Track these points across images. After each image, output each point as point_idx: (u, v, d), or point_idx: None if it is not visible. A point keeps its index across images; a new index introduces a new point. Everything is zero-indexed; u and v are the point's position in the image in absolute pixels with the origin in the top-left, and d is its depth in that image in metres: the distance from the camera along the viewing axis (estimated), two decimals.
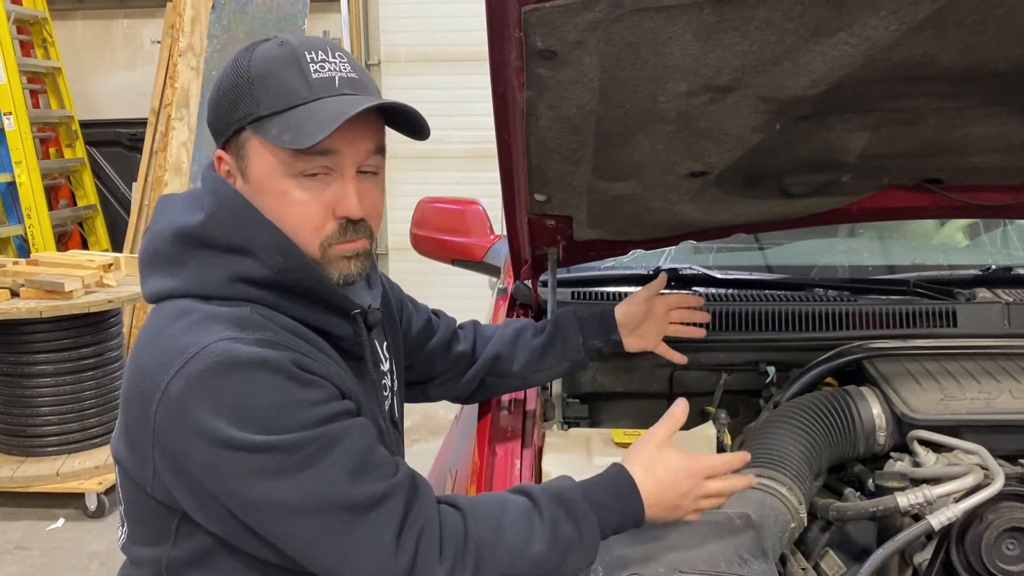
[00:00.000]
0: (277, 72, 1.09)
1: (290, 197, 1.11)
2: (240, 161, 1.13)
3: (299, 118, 1.07)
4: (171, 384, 1.01)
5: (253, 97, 1.09)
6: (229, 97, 1.11)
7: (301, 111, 1.08)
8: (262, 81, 1.09)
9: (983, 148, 1.59)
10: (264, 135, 1.09)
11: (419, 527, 1.03)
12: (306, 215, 1.12)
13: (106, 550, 3.47)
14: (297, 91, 1.09)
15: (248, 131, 1.10)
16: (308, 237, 1.12)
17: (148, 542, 1.14)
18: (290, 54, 1.10)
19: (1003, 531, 1.30)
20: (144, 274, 1.16)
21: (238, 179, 1.14)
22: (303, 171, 1.10)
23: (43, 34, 5.56)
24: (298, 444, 1.00)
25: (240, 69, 1.11)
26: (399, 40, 5.74)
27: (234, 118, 1.11)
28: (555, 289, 1.80)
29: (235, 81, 1.11)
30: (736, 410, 1.83)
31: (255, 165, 1.11)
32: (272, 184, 1.11)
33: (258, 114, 1.09)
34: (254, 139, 1.10)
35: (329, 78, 1.10)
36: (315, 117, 1.07)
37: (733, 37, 1.14)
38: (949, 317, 1.82)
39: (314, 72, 1.10)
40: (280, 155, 1.09)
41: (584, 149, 1.40)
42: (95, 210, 5.75)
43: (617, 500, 1.13)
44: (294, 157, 1.09)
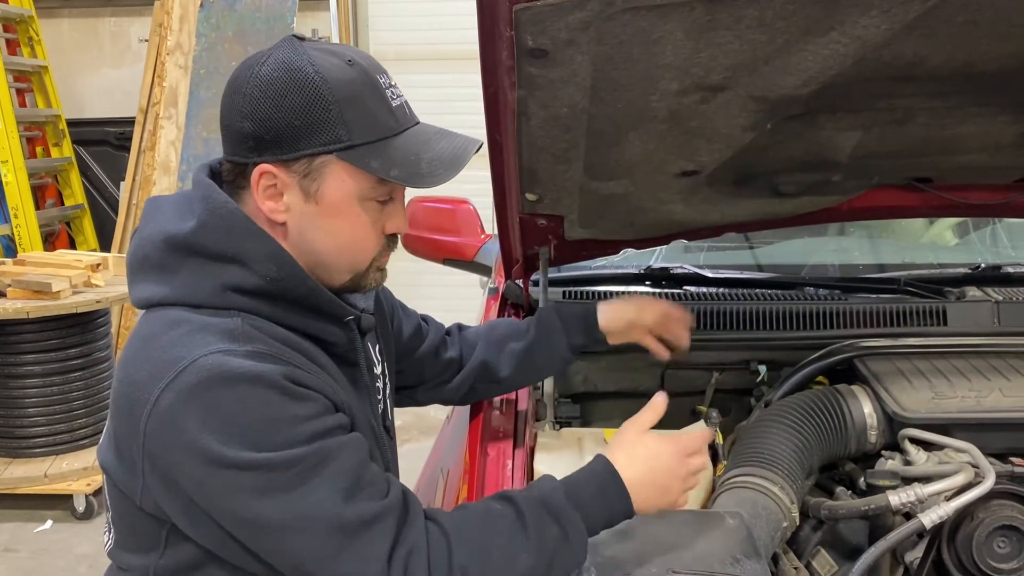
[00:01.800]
0: (362, 98, 1.08)
1: (362, 220, 1.13)
2: (309, 182, 1.09)
3: (403, 152, 1.10)
4: (161, 397, 1.00)
5: (343, 123, 1.07)
6: (303, 118, 1.06)
7: (396, 143, 1.10)
8: (350, 106, 1.07)
9: (973, 147, 1.60)
10: (360, 165, 1.08)
11: (408, 550, 1.02)
12: (371, 235, 1.16)
13: (94, 552, 3.45)
14: (386, 121, 1.10)
15: (333, 156, 1.08)
16: (368, 256, 1.17)
17: (136, 550, 1.13)
18: (366, 77, 1.10)
19: (994, 529, 1.31)
20: (132, 279, 1.14)
21: (294, 197, 1.10)
22: (381, 196, 1.13)
23: (29, 32, 5.52)
24: (290, 461, 0.99)
25: (313, 88, 1.06)
26: (388, 39, 5.72)
27: (314, 141, 1.07)
28: (546, 288, 1.80)
29: (310, 101, 1.06)
30: (727, 409, 1.84)
31: (333, 189, 1.10)
32: (348, 208, 1.12)
33: (351, 142, 1.07)
34: (340, 164, 1.09)
35: (401, 106, 1.13)
36: (425, 155, 1.11)
37: (724, 36, 1.14)
38: (939, 316, 1.82)
39: (392, 99, 1.12)
40: (366, 182, 1.10)
41: (575, 148, 1.40)
42: (83, 209, 5.72)
43: (601, 495, 1.12)
44: (379, 185, 1.11)
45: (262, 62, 1.08)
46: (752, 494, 1.35)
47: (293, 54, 1.08)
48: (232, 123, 1.10)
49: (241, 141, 1.10)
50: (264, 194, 1.10)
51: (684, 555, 1.16)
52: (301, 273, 1.11)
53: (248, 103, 1.07)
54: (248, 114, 1.07)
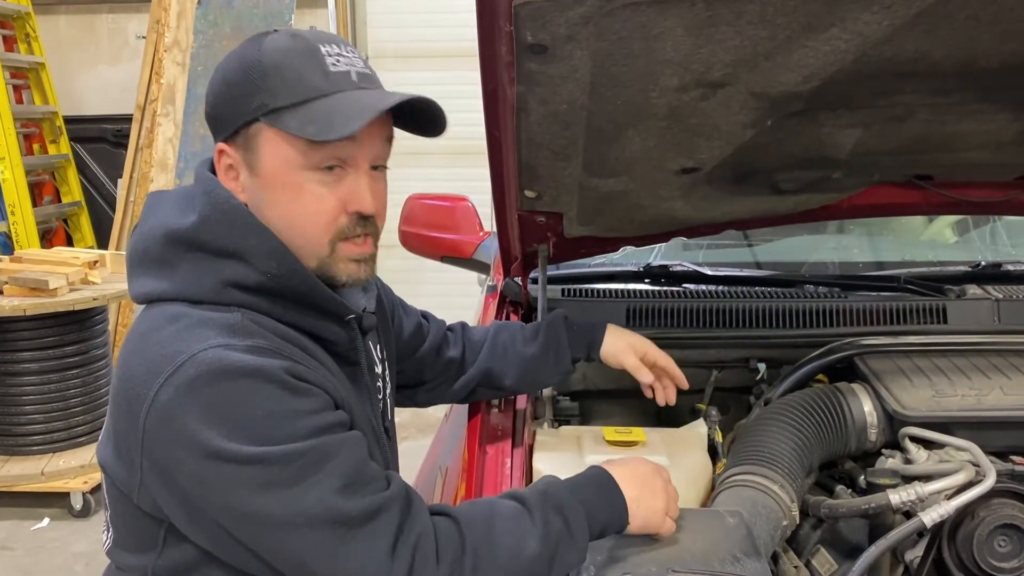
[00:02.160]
0: (294, 63, 1.07)
1: (304, 190, 1.09)
2: (249, 154, 1.10)
3: (323, 110, 1.06)
4: (160, 392, 0.99)
5: (268, 88, 1.06)
6: (238, 88, 1.08)
7: (322, 103, 1.06)
8: (278, 72, 1.07)
9: (973, 144, 1.59)
10: (282, 126, 1.06)
11: (414, 539, 1.01)
12: (320, 209, 1.10)
13: (91, 550, 3.44)
14: (316, 83, 1.07)
15: (262, 123, 1.07)
16: (320, 232, 1.11)
17: (134, 549, 1.12)
18: (305, 47, 1.09)
19: (995, 528, 1.30)
20: (132, 274, 1.14)
21: (243, 173, 1.11)
22: (319, 164, 1.08)
23: (26, 29, 5.50)
24: (291, 456, 0.98)
25: (250, 60, 1.08)
26: (386, 36, 5.71)
27: (245, 109, 1.08)
28: (545, 286, 1.79)
29: (245, 72, 1.08)
30: (727, 407, 1.83)
31: (267, 158, 1.09)
32: (286, 177, 1.09)
33: (274, 105, 1.06)
34: (269, 131, 1.08)
35: (345, 72, 1.09)
36: (342, 109, 1.05)
37: (725, 32, 1.13)
38: (940, 314, 1.82)
39: (331, 65, 1.08)
40: (298, 147, 1.07)
41: (575, 145, 1.39)
42: (80, 207, 5.71)
43: (601, 496, 1.13)
44: (311, 149, 1.07)
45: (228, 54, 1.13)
46: (752, 492, 1.34)
47: (250, 40, 1.11)
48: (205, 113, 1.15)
49: (208, 126, 1.14)
50: (226, 175, 1.12)
51: (684, 554, 1.15)
52: (302, 270, 1.10)
53: (209, 89, 1.13)
54: (208, 100, 1.13)
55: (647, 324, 1.84)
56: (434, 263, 2.91)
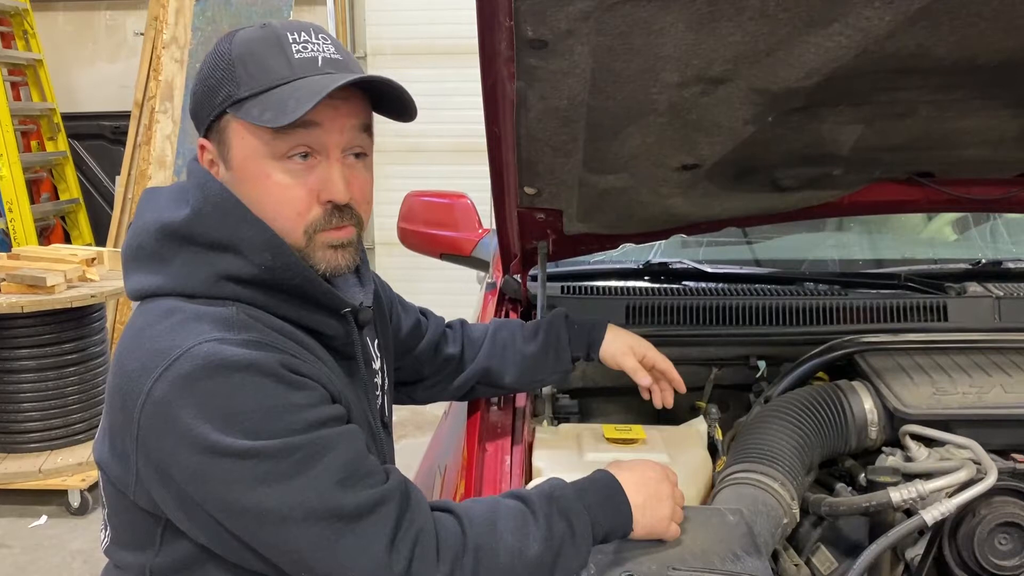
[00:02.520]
0: (258, 53, 1.07)
1: (272, 180, 1.08)
2: (222, 147, 1.10)
3: (281, 97, 1.05)
4: (155, 387, 0.98)
5: (234, 79, 1.07)
6: (209, 82, 1.09)
7: (282, 90, 1.05)
8: (243, 62, 1.07)
9: (975, 141, 1.59)
10: (245, 116, 1.06)
11: (414, 534, 1.00)
12: (289, 199, 1.08)
13: (89, 548, 3.44)
14: (278, 71, 1.06)
15: (229, 114, 1.08)
16: (291, 223, 1.09)
17: (132, 547, 1.11)
18: (271, 35, 1.08)
19: (996, 526, 1.29)
20: (127, 270, 1.13)
21: (220, 167, 1.12)
22: (285, 152, 1.07)
23: (24, 25, 5.49)
24: (287, 449, 0.97)
25: (221, 53, 1.09)
26: (385, 33, 5.71)
27: (215, 103, 1.08)
28: (545, 284, 1.78)
29: (215, 65, 1.09)
30: (726, 405, 1.83)
31: (236, 149, 1.09)
32: (254, 168, 1.08)
33: (238, 96, 1.06)
34: (235, 122, 1.08)
35: (311, 58, 1.08)
36: (297, 94, 1.04)
37: (726, 27, 1.13)
38: (940, 311, 1.82)
39: (296, 53, 1.07)
40: (262, 136, 1.06)
41: (575, 141, 1.39)
42: (78, 204, 5.70)
43: (607, 500, 1.12)
44: (275, 137, 1.06)
45: None
46: (752, 490, 1.34)
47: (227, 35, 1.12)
48: None
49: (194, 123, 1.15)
50: (210, 169, 1.13)
51: (684, 552, 1.15)
52: (297, 263, 1.10)
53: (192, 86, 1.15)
54: (191, 95, 1.14)
55: (647, 322, 1.84)
56: (433, 260, 2.91)
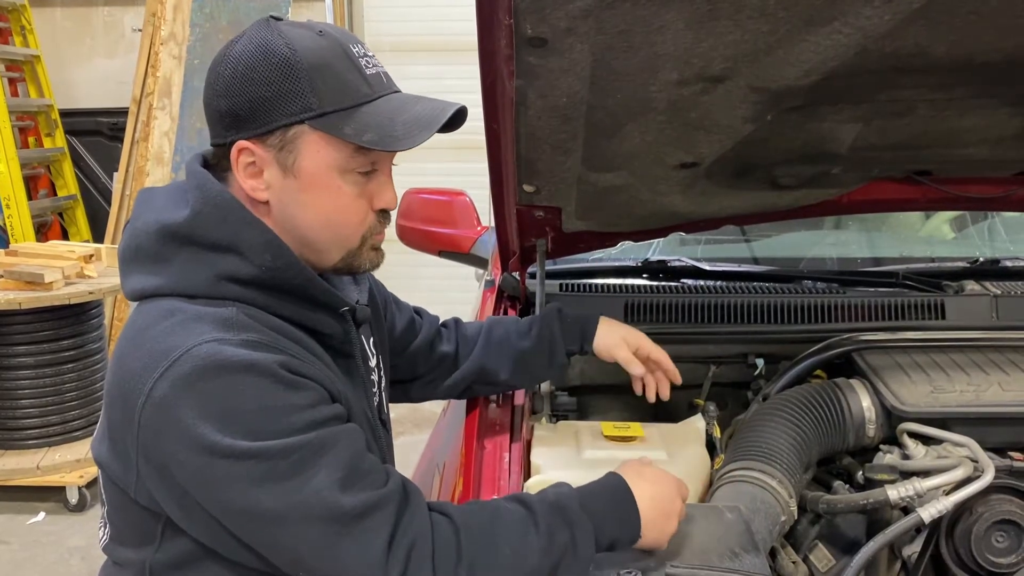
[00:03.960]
0: (333, 66, 1.07)
1: (343, 192, 1.11)
2: (285, 155, 1.08)
3: (376, 117, 1.08)
4: (155, 387, 0.99)
5: (312, 91, 1.05)
6: (272, 89, 1.05)
7: (370, 109, 1.08)
8: (320, 75, 1.06)
9: (973, 140, 1.59)
10: (333, 131, 1.06)
11: (410, 539, 1.00)
12: (355, 209, 1.13)
13: (87, 544, 3.44)
14: (358, 87, 1.08)
15: (306, 126, 1.07)
16: (352, 230, 1.14)
17: (132, 544, 1.11)
18: (336, 46, 1.08)
19: (993, 524, 1.30)
20: (125, 271, 1.13)
21: (270, 172, 1.09)
22: (360, 167, 1.11)
23: (22, 21, 5.48)
24: (286, 450, 0.98)
25: (282, 58, 1.05)
26: (384, 29, 5.69)
27: (285, 111, 1.06)
28: (543, 281, 1.78)
29: (280, 71, 1.05)
30: (724, 402, 1.83)
31: (309, 160, 1.08)
32: (327, 179, 1.10)
33: (322, 110, 1.06)
34: (313, 134, 1.07)
35: (377, 74, 1.11)
36: (398, 117, 1.08)
37: (725, 26, 1.13)
38: (938, 309, 1.82)
39: (366, 67, 1.10)
40: (344, 151, 1.08)
41: (574, 139, 1.39)
42: (75, 200, 5.69)
43: (615, 508, 1.11)
44: (358, 154, 1.09)
45: (235, 41, 1.10)
46: (750, 488, 1.34)
47: (265, 30, 1.09)
48: (210, 104, 1.10)
49: (220, 121, 1.10)
50: (245, 172, 1.10)
51: (682, 549, 1.15)
52: (296, 263, 1.10)
53: (222, 82, 1.08)
54: (223, 92, 1.08)
55: (645, 319, 1.84)
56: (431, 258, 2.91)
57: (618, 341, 1.53)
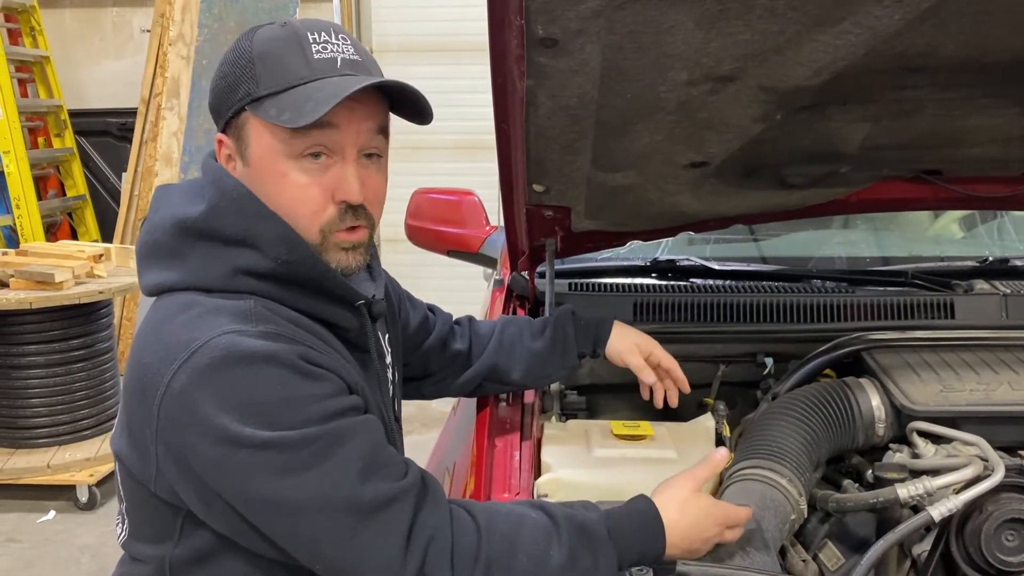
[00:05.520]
0: (278, 52, 1.08)
1: (289, 179, 1.09)
2: (240, 143, 1.11)
3: (300, 97, 1.06)
4: (174, 379, 0.99)
5: (253, 77, 1.08)
6: (229, 78, 1.10)
7: (301, 90, 1.06)
8: (263, 61, 1.08)
9: (982, 139, 1.59)
10: (263, 115, 1.07)
11: (429, 533, 1.00)
12: (305, 198, 1.10)
13: (97, 542, 3.45)
14: (297, 71, 1.07)
15: (247, 112, 1.09)
16: (306, 221, 1.11)
17: (151, 539, 1.12)
18: (292, 35, 1.09)
19: (1003, 522, 1.30)
20: (142, 266, 1.14)
21: (238, 163, 1.13)
22: (303, 151, 1.08)
23: (31, 22, 5.50)
24: (305, 440, 0.98)
25: (241, 50, 1.10)
26: (392, 30, 5.70)
27: (234, 99, 1.09)
28: (553, 280, 1.79)
29: (235, 62, 1.10)
30: (734, 401, 1.83)
31: (254, 146, 1.10)
32: (272, 166, 1.09)
33: (257, 94, 1.07)
34: (253, 119, 1.09)
35: (331, 59, 1.09)
36: (315, 95, 1.05)
37: (735, 26, 1.13)
38: (947, 309, 1.82)
39: (316, 53, 1.09)
40: (279, 135, 1.08)
41: (584, 139, 1.39)
42: (84, 200, 5.71)
43: (642, 538, 1.10)
44: (293, 136, 1.07)
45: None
46: (760, 486, 1.34)
47: (247, 31, 1.12)
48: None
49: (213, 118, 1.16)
50: (227, 165, 1.14)
51: None
52: (312, 256, 1.11)
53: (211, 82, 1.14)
54: (210, 91, 1.15)
55: (654, 318, 1.84)
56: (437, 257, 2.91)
57: (631, 347, 1.53)
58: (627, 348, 1.53)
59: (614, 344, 1.54)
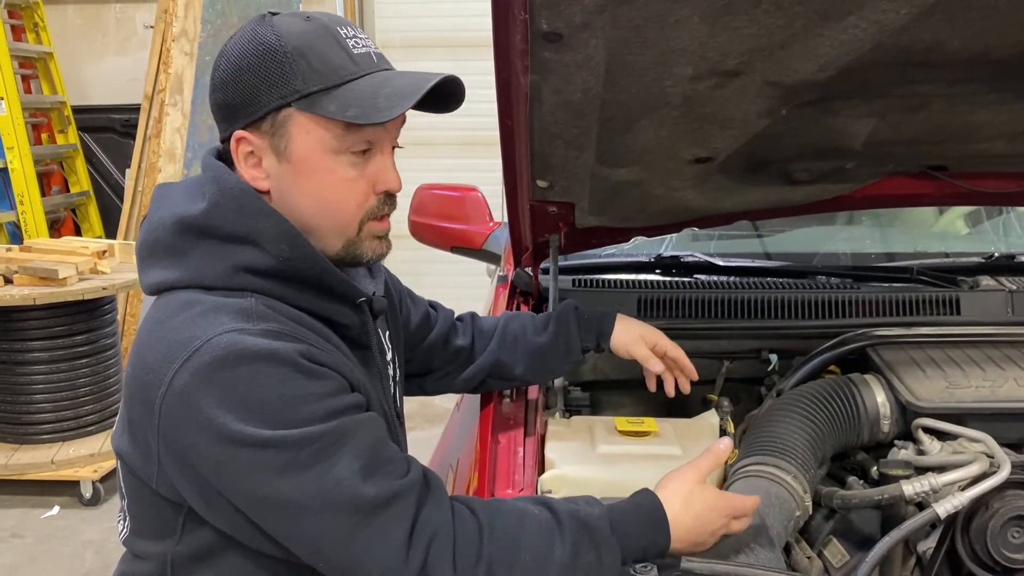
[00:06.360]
0: (317, 47, 1.07)
1: (338, 174, 1.10)
2: (277, 140, 1.09)
3: (359, 93, 1.06)
4: (176, 378, 0.99)
5: (296, 73, 1.06)
6: (260, 74, 1.07)
7: (355, 86, 1.07)
8: (304, 56, 1.06)
9: (988, 135, 1.58)
10: (318, 110, 1.06)
11: (431, 530, 1.00)
12: (354, 191, 1.12)
13: (101, 538, 3.46)
14: (344, 66, 1.08)
15: (293, 108, 1.07)
16: (351, 214, 1.13)
17: (152, 536, 1.12)
18: (323, 29, 1.09)
19: (1009, 519, 1.29)
20: (143, 265, 1.14)
21: (267, 159, 1.11)
22: (353, 147, 1.10)
23: (34, 19, 5.50)
24: (307, 439, 0.98)
25: (267, 45, 1.07)
26: (394, 25, 5.69)
27: (272, 96, 1.07)
28: (556, 277, 1.78)
29: (266, 58, 1.07)
30: (738, 398, 1.82)
31: (300, 143, 1.09)
32: (319, 162, 1.09)
33: (307, 90, 1.06)
34: (300, 116, 1.07)
35: (367, 53, 1.10)
36: (381, 91, 1.06)
37: (741, 20, 1.12)
38: (953, 305, 1.81)
39: (352, 47, 1.09)
40: (334, 130, 1.08)
41: (588, 134, 1.39)
42: (88, 196, 5.71)
43: (646, 532, 1.09)
44: (347, 132, 1.08)
45: (231, 38, 1.12)
46: (765, 483, 1.34)
47: (257, 23, 1.10)
48: (212, 100, 1.13)
49: (220, 114, 1.12)
50: (245, 162, 1.11)
51: None
52: (314, 253, 1.10)
53: (218, 76, 1.11)
54: (219, 86, 1.11)
55: (658, 315, 1.84)
56: (440, 253, 2.91)
57: (636, 338, 1.53)
58: (632, 340, 1.53)
59: (619, 337, 1.53)
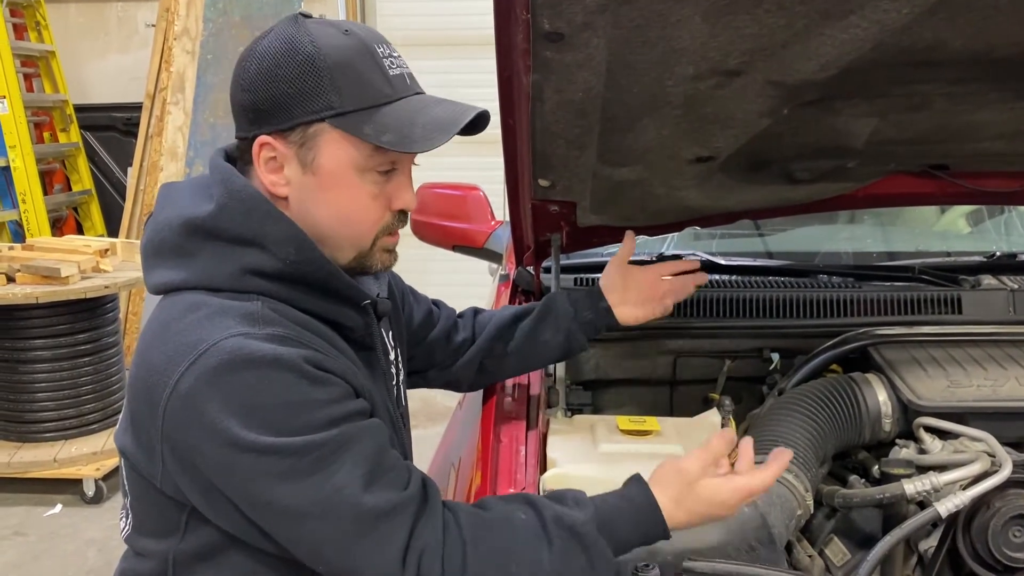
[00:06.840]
0: (356, 65, 1.08)
1: (361, 191, 1.12)
2: (305, 152, 1.09)
3: (396, 118, 1.08)
4: (181, 380, 1.00)
5: (334, 89, 1.06)
6: (296, 85, 1.06)
7: (390, 110, 1.08)
8: (342, 73, 1.07)
9: (990, 134, 1.58)
10: (353, 131, 1.07)
11: (423, 545, 1.01)
12: (373, 208, 1.14)
13: (103, 536, 3.47)
14: (380, 88, 1.09)
15: (326, 124, 1.08)
16: (368, 229, 1.15)
17: (155, 534, 1.12)
18: (361, 46, 1.09)
19: (1010, 518, 1.30)
20: (148, 264, 1.14)
21: (290, 168, 1.11)
22: (379, 167, 1.11)
23: (36, 17, 5.51)
24: (309, 447, 0.99)
25: (305, 55, 1.06)
26: (397, 24, 5.69)
27: (306, 109, 1.07)
28: (558, 275, 1.78)
29: (303, 69, 1.06)
30: (740, 397, 1.83)
31: (328, 158, 1.09)
32: (344, 177, 1.11)
33: (342, 109, 1.07)
34: (332, 132, 1.08)
35: (401, 75, 1.12)
36: (417, 120, 1.08)
37: (743, 20, 1.12)
38: (954, 304, 1.81)
39: (389, 68, 1.10)
40: (364, 150, 1.09)
41: (589, 134, 1.39)
42: (90, 195, 5.72)
43: (636, 529, 1.08)
44: (376, 153, 1.09)
45: (263, 37, 1.11)
46: None
47: (292, 27, 1.09)
48: (235, 98, 1.12)
49: (243, 114, 1.11)
50: (266, 167, 1.11)
51: (699, 543, 1.15)
52: (320, 257, 1.11)
53: (247, 77, 1.10)
54: (248, 87, 1.10)
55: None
56: (445, 252, 2.91)
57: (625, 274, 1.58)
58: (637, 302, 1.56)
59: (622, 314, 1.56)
